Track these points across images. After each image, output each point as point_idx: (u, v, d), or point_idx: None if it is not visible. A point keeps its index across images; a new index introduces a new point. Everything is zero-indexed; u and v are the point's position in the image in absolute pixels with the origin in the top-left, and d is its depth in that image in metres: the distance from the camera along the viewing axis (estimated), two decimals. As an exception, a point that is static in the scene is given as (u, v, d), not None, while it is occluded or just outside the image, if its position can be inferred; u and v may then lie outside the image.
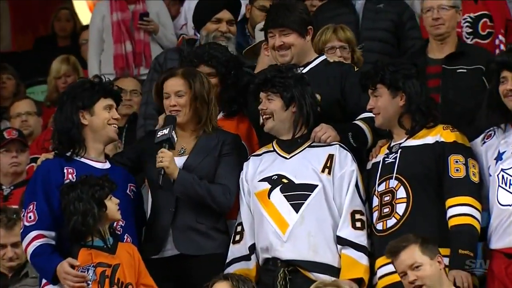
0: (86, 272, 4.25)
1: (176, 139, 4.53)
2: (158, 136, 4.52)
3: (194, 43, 5.34)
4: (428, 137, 4.47)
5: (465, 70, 4.89)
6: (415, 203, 4.40)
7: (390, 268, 4.33)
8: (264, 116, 4.51)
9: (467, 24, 6.17)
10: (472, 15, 6.15)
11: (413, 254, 4.09)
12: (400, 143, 4.52)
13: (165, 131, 4.50)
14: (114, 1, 6.46)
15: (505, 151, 4.43)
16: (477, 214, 4.37)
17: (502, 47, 5.87)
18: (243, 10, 5.91)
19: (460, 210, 4.36)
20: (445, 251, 4.29)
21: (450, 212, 4.37)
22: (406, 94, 4.45)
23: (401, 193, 4.43)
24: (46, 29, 8.20)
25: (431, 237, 4.25)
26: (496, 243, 4.38)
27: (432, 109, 4.51)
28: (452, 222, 4.35)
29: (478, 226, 4.35)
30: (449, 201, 4.38)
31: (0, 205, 5.51)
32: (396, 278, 4.28)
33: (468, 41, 6.01)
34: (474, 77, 4.91)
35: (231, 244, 4.58)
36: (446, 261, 4.29)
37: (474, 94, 4.84)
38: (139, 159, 4.70)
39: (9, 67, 7.16)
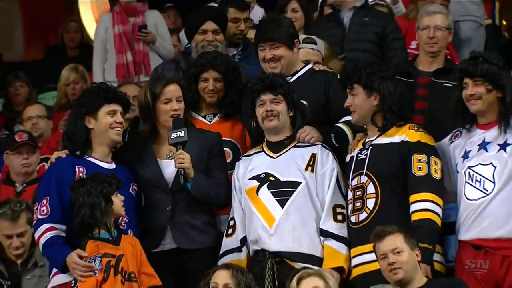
0: (93, 262, 4.30)
1: None
2: (172, 137, 4.53)
3: (189, 54, 5.40)
4: (396, 136, 4.53)
5: (450, 85, 4.90)
6: (383, 199, 4.45)
7: (363, 258, 4.45)
8: (270, 117, 4.58)
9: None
10: None
11: (396, 240, 4.18)
12: (372, 140, 4.58)
13: (181, 133, 4.52)
14: (116, 14, 6.48)
15: (471, 150, 4.49)
16: (438, 209, 4.41)
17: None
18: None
19: (421, 206, 4.40)
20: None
21: (413, 207, 4.41)
22: (380, 94, 4.52)
23: (371, 188, 4.48)
24: (55, 39, 8.21)
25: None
26: (464, 235, 4.46)
27: (404, 109, 4.57)
28: (414, 217, 4.40)
29: (438, 220, 4.40)
30: (412, 197, 4.43)
31: (11, 201, 5.47)
32: (367, 268, 4.41)
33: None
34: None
35: (224, 237, 4.65)
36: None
37: None
38: (129, 162, 4.69)
39: (22, 75, 7.16)
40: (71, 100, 6.50)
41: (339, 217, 4.52)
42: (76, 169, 4.49)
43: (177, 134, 4.54)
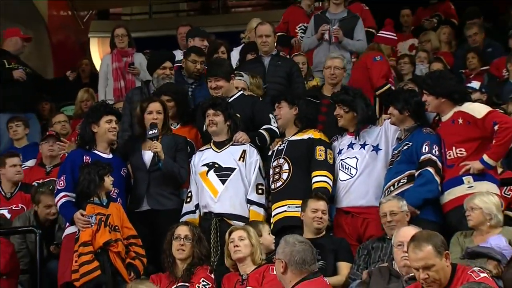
0: (90, 218, 4.34)
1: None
2: (149, 134, 4.66)
3: (149, 83, 5.41)
4: (305, 135, 4.66)
5: None
6: (293, 173, 4.56)
7: (278, 210, 4.55)
8: (211, 124, 4.65)
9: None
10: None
11: (325, 204, 4.34)
12: (288, 139, 4.70)
13: (155, 131, 4.67)
14: (114, 55, 6.43)
15: (343, 149, 4.67)
16: (330, 182, 4.55)
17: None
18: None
19: (320, 179, 4.54)
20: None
21: (314, 179, 4.56)
22: (298, 108, 4.69)
23: (285, 166, 4.60)
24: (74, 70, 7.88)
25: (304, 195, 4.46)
26: (339, 204, 4.62)
27: (313, 121, 4.76)
28: (314, 185, 4.54)
29: (329, 188, 4.55)
30: (314, 173, 4.56)
31: (44, 178, 5.52)
32: (279, 216, 4.50)
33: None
34: None
35: (184, 203, 4.71)
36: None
37: None
38: (126, 154, 4.80)
39: (47, 97, 6.98)
40: (84, 112, 6.25)
41: (260, 191, 4.63)
42: (84, 158, 4.57)
43: (152, 132, 4.69)
